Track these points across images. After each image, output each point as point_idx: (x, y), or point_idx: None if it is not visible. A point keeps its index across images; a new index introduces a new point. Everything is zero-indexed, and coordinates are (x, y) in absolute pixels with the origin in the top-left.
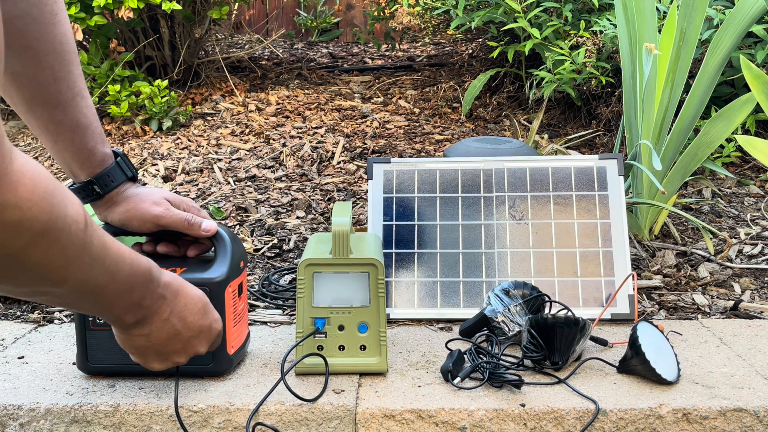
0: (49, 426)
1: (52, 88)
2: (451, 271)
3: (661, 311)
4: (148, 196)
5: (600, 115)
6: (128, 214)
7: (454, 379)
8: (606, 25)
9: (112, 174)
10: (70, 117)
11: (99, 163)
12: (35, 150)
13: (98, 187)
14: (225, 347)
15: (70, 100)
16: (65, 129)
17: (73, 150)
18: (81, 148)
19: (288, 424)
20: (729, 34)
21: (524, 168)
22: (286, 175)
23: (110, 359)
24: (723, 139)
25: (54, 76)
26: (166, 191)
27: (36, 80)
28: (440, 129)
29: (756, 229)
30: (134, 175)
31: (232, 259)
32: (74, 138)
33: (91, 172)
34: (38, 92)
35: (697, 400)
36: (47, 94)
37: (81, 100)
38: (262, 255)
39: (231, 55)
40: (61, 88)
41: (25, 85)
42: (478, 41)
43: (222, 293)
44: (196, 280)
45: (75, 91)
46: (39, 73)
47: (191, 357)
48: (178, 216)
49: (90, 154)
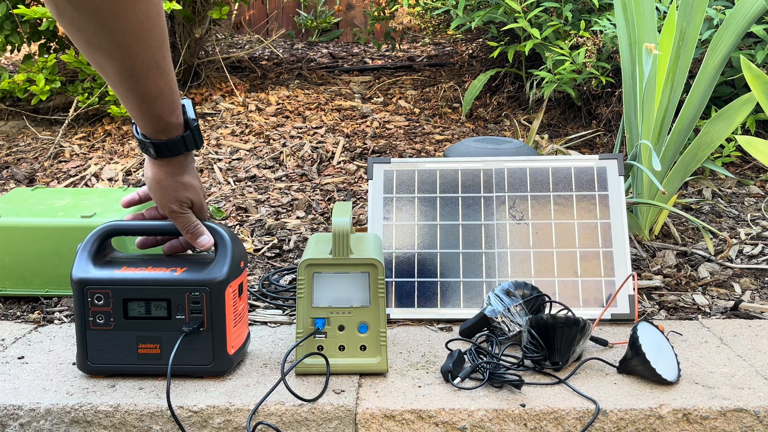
0: (49, 426)
1: (126, 64)
2: (451, 271)
3: (662, 311)
4: (176, 189)
5: (600, 115)
6: (154, 191)
7: (454, 379)
8: (606, 25)
9: (172, 145)
10: (141, 88)
11: (161, 130)
12: (35, 150)
13: (153, 150)
14: (225, 347)
15: (144, 74)
16: (134, 96)
17: (139, 113)
18: (147, 113)
19: (288, 424)
20: (729, 34)
21: (524, 168)
22: (286, 175)
23: (110, 359)
24: (723, 139)
25: (129, 54)
26: (197, 192)
27: (110, 54)
28: (440, 129)
29: (756, 229)
30: (198, 147)
31: (233, 260)
32: (142, 105)
33: (153, 136)
34: (112, 64)
35: (698, 400)
36: (120, 67)
37: (156, 71)
38: (262, 255)
39: (231, 55)
40: (135, 64)
41: (99, 55)
42: (478, 41)
43: (222, 293)
44: (197, 281)
45: (150, 65)
46: (114, 49)
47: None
48: (183, 222)
49: (156, 121)
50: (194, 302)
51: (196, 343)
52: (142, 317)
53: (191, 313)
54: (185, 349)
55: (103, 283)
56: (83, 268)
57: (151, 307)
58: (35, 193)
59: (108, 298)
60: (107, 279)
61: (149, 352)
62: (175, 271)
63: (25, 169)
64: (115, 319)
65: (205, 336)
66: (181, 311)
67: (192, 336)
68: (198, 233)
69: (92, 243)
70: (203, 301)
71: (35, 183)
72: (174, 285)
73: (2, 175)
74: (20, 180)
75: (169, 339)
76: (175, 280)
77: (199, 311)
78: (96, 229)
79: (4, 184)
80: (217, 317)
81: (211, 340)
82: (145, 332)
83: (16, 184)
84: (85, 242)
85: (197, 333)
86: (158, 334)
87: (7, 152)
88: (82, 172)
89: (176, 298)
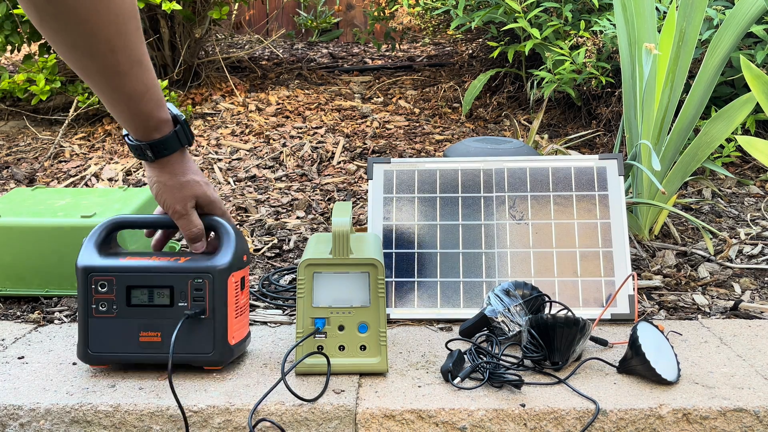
0: (49, 426)
1: (110, 59)
2: (451, 271)
3: (661, 311)
4: (181, 189)
5: (600, 115)
6: (160, 194)
7: (454, 379)
8: (606, 26)
9: (167, 142)
10: (128, 86)
11: (154, 128)
12: (35, 150)
13: (151, 152)
14: (226, 336)
15: (128, 69)
16: (122, 96)
17: (129, 114)
18: (137, 113)
19: (288, 424)
20: (729, 34)
21: (524, 168)
22: (286, 175)
23: (111, 347)
24: (723, 139)
25: (111, 48)
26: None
27: (92, 52)
28: (440, 129)
29: (756, 229)
30: (190, 141)
31: (236, 251)
32: (130, 104)
33: (146, 137)
34: (95, 63)
35: (697, 400)
36: (104, 65)
37: (139, 67)
38: (262, 255)
39: (231, 55)
40: (119, 59)
41: (84, 55)
42: (478, 41)
43: (225, 282)
44: (200, 268)
45: (133, 60)
46: (95, 45)
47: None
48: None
49: (146, 119)
50: (197, 289)
51: (197, 331)
52: (145, 305)
53: (194, 300)
54: (186, 336)
55: (107, 270)
56: (89, 257)
57: (154, 295)
58: (35, 193)
59: (111, 285)
60: (112, 266)
61: (151, 340)
62: (179, 260)
63: (25, 169)
64: (117, 306)
65: (207, 324)
66: (184, 299)
67: (193, 323)
68: (196, 238)
69: (98, 234)
70: (206, 288)
71: (35, 183)
72: (177, 272)
73: (2, 175)
74: (20, 180)
75: (170, 327)
76: (179, 267)
77: (202, 299)
78: (103, 221)
79: (4, 184)
80: (219, 305)
81: (212, 328)
82: (147, 320)
83: (16, 184)
84: (91, 234)
85: (199, 320)
86: (160, 322)
87: (7, 152)
88: (82, 172)
89: (179, 285)
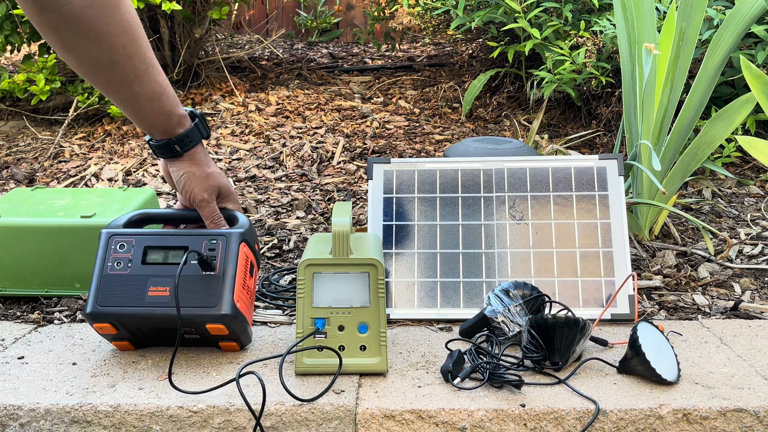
0: (49, 426)
1: (128, 65)
2: (451, 271)
3: (661, 311)
4: (207, 179)
5: (600, 115)
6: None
7: (454, 379)
8: (606, 26)
9: (191, 135)
10: (146, 88)
11: (177, 124)
12: (35, 150)
13: (179, 146)
14: (232, 296)
15: (144, 72)
16: (144, 99)
17: (153, 116)
18: (159, 113)
19: (288, 424)
20: (729, 34)
21: (524, 168)
22: (286, 175)
23: (116, 302)
24: (723, 139)
25: (127, 54)
26: (224, 177)
27: (112, 60)
28: (440, 129)
29: (756, 229)
30: (208, 134)
31: (247, 230)
32: (153, 105)
33: (171, 133)
34: (116, 71)
35: (698, 400)
36: (124, 71)
37: (153, 69)
38: (262, 255)
39: (231, 56)
40: (135, 63)
41: (104, 67)
42: (478, 41)
43: (236, 246)
44: (214, 233)
45: (147, 63)
46: (114, 53)
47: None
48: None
49: (168, 118)
50: (210, 249)
51: (206, 287)
52: (159, 263)
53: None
54: (194, 291)
55: (128, 234)
56: (113, 228)
57: (169, 255)
58: (35, 193)
59: (130, 246)
60: (133, 232)
61: (158, 294)
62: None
63: (25, 169)
64: (132, 263)
65: (216, 280)
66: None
67: (203, 280)
68: (220, 224)
69: (125, 220)
70: (219, 249)
71: (35, 183)
72: (193, 235)
73: (2, 175)
74: (20, 180)
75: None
76: (195, 232)
77: (214, 257)
78: (129, 213)
79: (4, 184)
80: (230, 266)
81: (220, 285)
82: (159, 277)
83: (16, 184)
84: (117, 219)
85: (208, 277)
86: (171, 280)
87: (7, 152)
88: (82, 172)
89: (194, 245)
